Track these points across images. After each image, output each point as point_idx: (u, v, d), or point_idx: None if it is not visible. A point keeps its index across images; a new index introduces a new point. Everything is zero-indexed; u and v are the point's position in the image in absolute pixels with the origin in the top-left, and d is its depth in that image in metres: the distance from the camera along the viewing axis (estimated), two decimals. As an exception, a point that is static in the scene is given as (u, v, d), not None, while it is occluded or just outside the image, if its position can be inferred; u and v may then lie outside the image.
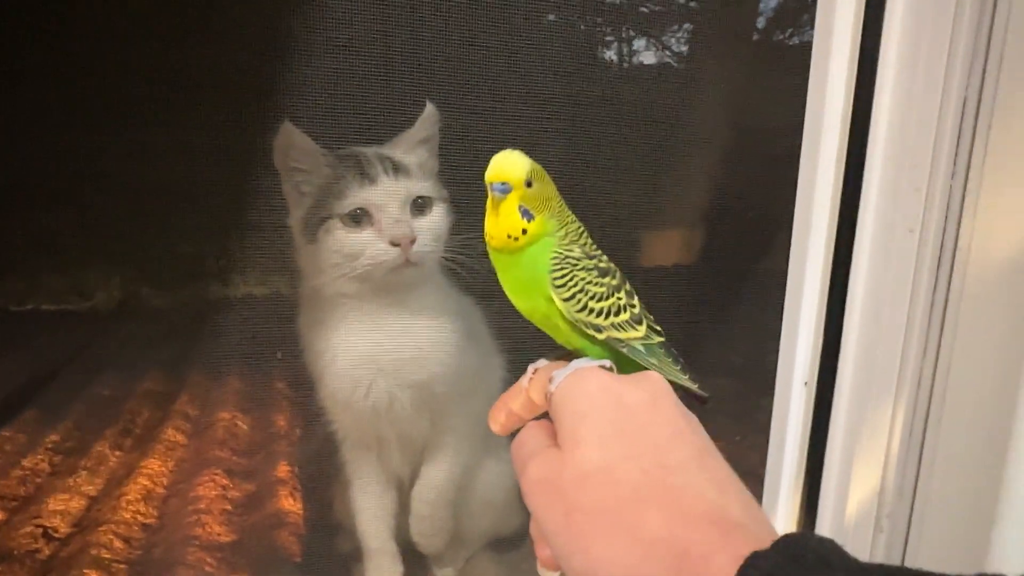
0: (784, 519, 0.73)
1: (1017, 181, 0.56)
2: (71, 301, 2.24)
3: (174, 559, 0.92)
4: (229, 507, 1.09)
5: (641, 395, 0.36)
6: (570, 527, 0.32)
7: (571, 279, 0.42)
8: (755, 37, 1.32)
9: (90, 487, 1.16)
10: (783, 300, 0.71)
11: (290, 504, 1.07)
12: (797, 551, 0.27)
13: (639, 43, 1.57)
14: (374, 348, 0.75)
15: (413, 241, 0.70)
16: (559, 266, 0.42)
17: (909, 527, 0.66)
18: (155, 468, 1.21)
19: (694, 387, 0.46)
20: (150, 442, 1.30)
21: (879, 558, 0.67)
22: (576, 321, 0.42)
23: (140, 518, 1.06)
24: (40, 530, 1.01)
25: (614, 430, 0.34)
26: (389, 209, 0.70)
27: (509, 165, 0.42)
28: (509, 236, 0.42)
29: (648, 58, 1.46)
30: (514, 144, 0.44)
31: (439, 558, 0.92)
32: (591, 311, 0.42)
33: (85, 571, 0.88)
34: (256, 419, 1.42)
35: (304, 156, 0.71)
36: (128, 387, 1.59)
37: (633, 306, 0.45)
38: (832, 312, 0.68)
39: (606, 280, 0.43)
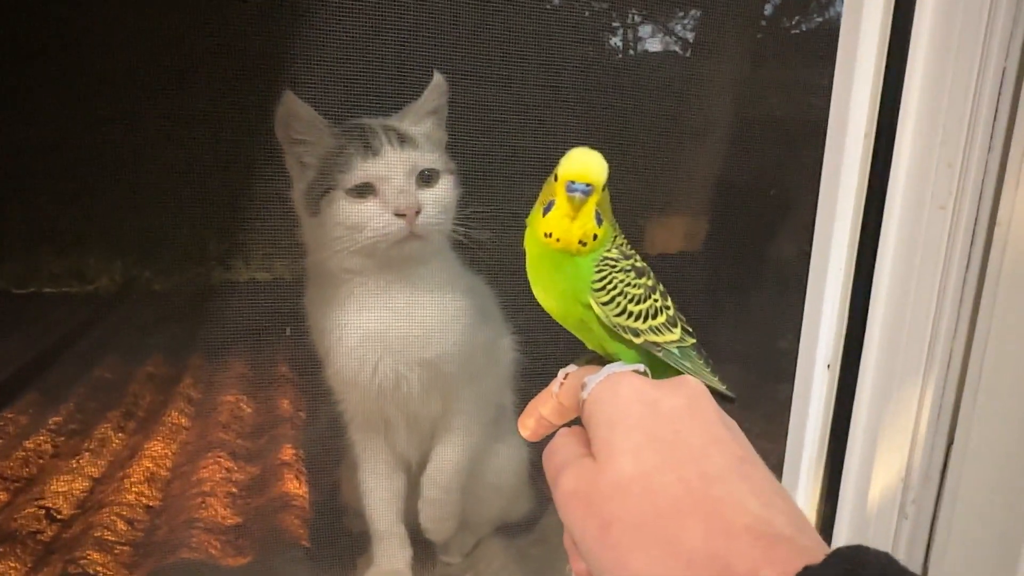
0: (803, 506, 0.72)
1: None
2: (72, 284, 2.23)
3: (178, 541, 0.91)
4: (233, 489, 1.08)
5: (678, 401, 0.34)
6: (606, 540, 0.31)
7: (610, 282, 0.40)
8: (781, 15, 1.30)
9: (93, 469, 1.15)
10: (804, 281, 0.70)
11: (295, 487, 1.06)
12: (852, 567, 0.25)
13: (659, 25, 1.54)
14: (381, 325, 0.73)
15: (418, 212, 0.68)
16: (599, 269, 0.40)
17: (936, 515, 0.64)
18: (158, 450, 1.19)
19: (722, 388, 0.44)
20: (153, 424, 1.29)
21: (903, 546, 0.65)
22: (614, 326, 0.41)
23: (143, 500, 1.05)
24: (43, 511, 1.00)
25: (650, 438, 0.33)
26: (393, 180, 0.68)
27: (595, 165, 0.39)
28: (581, 241, 0.39)
29: (669, 38, 1.43)
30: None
31: (446, 544, 0.91)
32: (629, 315, 0.41)
33: (88, 552, 0.87)
34: (260, 402, 1.41)
35: (306, 126, 0.70)
36: (131, 370, 1.57)
37: (668, 308, 0.43)
38: (857, 292, 0.66)
39: (643, 281, 0.41)
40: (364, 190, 0.68)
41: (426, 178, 0.71)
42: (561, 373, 0.42)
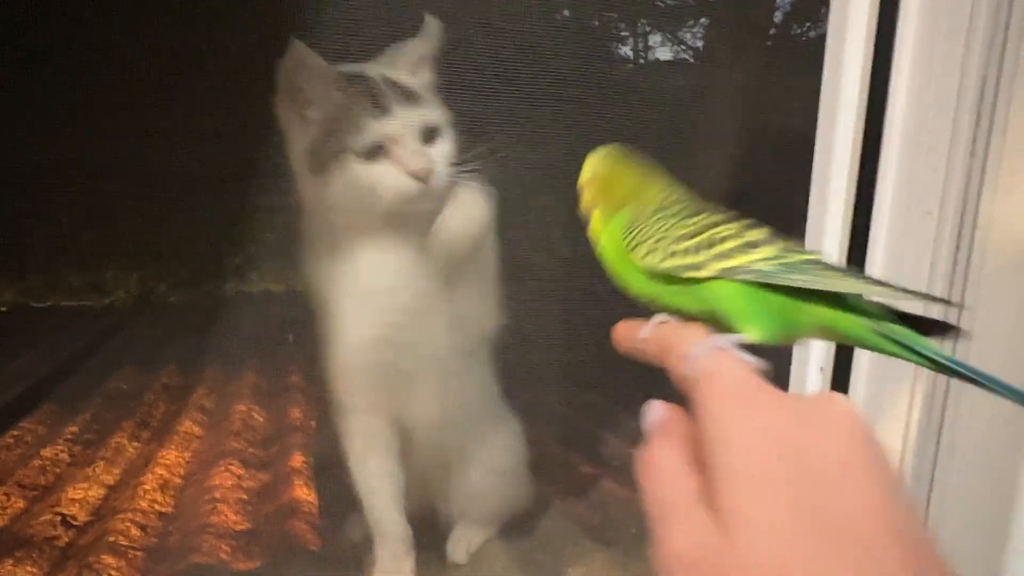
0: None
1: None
2: (90, 298, 2.28)
3: (189, 546, 0.93)
4: (244, 496, 1.10)
5: (830, 447, 0.27)
6: None
7: (641, 234, 0.38)
8: (771, 28, 1.31)
9: (108, 477, 1.17)
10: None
11: (305, 493, 1.08)
12: None
13: (655, 37, 1.56)
14: (384, 279, 0.72)
15: (432, 172, 0.67)
16: (628, 230, 0.39)
17: (926, 518, 0.65)
18: (172, 459, 1.22)
19: (873, 289, 0.35)
20: (167, 433, 1.32)
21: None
22: (671, 271, 0.36)
23: (157, 507, 1.07)
24: (59, 518, 1.02)
25: (795, 513, 0.25)
26: (407, 141, 0.67)
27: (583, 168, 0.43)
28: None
29: (663, 51, 1.45)
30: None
31: (454, 544, 0.92)
32: (675, 252, 0.36)
33: (102, 557, 0.89)
34: (272, 411, 1.43)
35: (315, 79, 0.67)
36: (145, 381, 1.61)
37: (747, 236, 0.36)
38: (848, 297, 0.67)
39: (694, 219, 0.37)
40: (375, 151, 0.67)
41: (430, 134, 0.70)
42: (657, 318, 0.37)
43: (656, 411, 0.32)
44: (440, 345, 0.78)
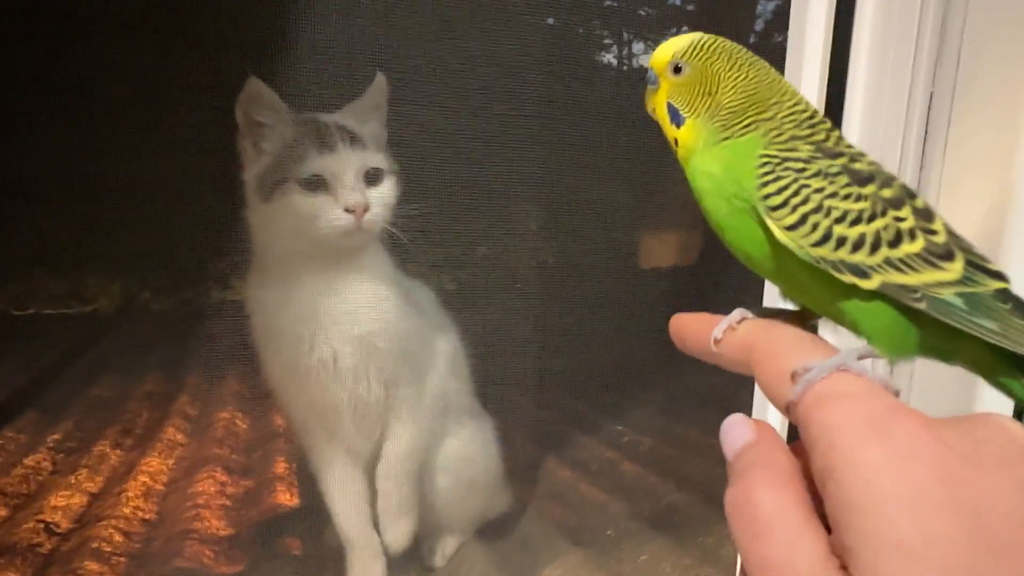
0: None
1: (973, 172, 0.58)
2: (72, 305, 2.27)
3: (172, 551, 0.94)
4: (227, 502, 1.11)
5: (1008, 495, 0.20)
6: None
7: (795, 193, 0.26)
8: (746, 41, 1.35)
9: (91, 484, 1.18)
10: (761, 294, 0.74)
11: (287, 499, 1.09)
12: None
13: (638, 46, 1.59)
14: (317, 304, 0.77)
15: (367, 209, 0.73)
16: (771, 175, 0.27)
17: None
18: (155, 466, 1.23)
19: None
20: (150, 441, 1.33)
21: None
22: (819, 261, 0.26)
23: (140, 513, 1.08)
24: (42, 525, 1.03)
25: None
26: (345, 178, 0.73)
27: (662, 47, 0.30)
28: (671, 143, 0.30)
29: (637, 60, 1.48)
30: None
31: (430, 548, 0.94)
32: (842, 241, 0.26)
33: (86, 563, 0.90)
34: (255, 418, 1.44)
35: (269, 112, 0.74)
36: (128, 388, 1.61)
37: (933, 232, 0.27)
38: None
39: (868, 190, 0.27)
40: (316, 183, 0.72)
41: (372, 177, 0.75)
42: (737, 314, 0.28)
43: (744, 431, 0.25)
44: (378, 353, 0.81)
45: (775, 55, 0.72)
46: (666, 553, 0.93)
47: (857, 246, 0.26)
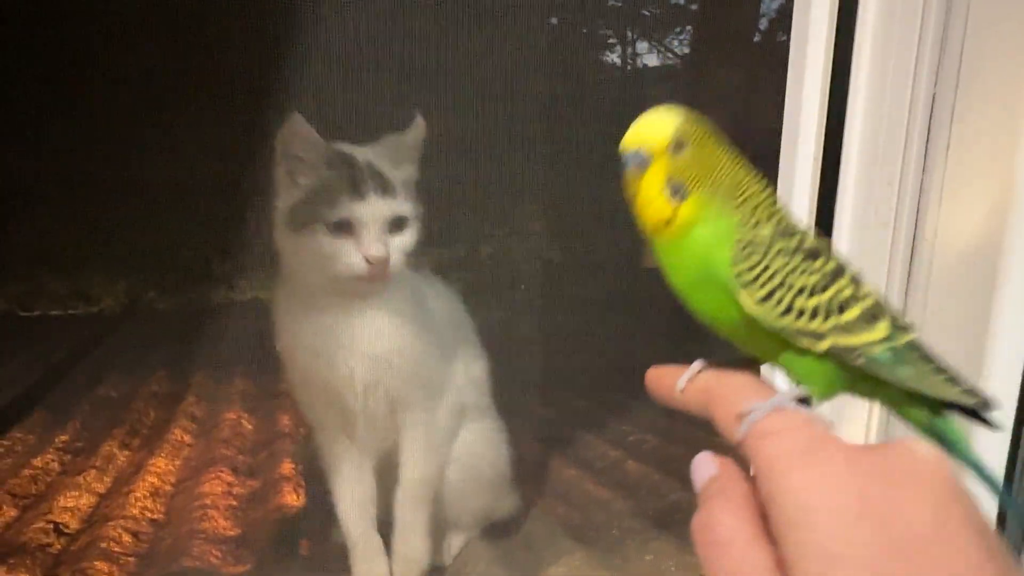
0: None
1: (976, 172, 0.59)
2: (77, 306, 2.28)
3: (180, 551, 0.95)
4: (234, 502, 1.12)
5: (920, 512, 0.23)
6: None
7: (764, 270, 0.30)
8: (739, 44, 1.35)
9: (99, 485, 1.19)
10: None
11: (293, 499, 1.10)
12: None
13: (641, 46, 1.60)
14: (336, 326, 0.79)
15: (386, 260, 0.74)
16: (746, 252, 0.30)
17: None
18: (162, 466, 1.24)
19: (971, 402, 0.31)
20: (157, 441, 1.34)
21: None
22: (782, 330, 0.30)
23: (148, 514, 1.09)
24: (51, 526, 1.04)
25: None
26: (371, 227, 0.74)
27: (649, 126, 0.31)
28: (656, 222, 0.32)
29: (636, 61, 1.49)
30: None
31: (434, 548, 0.94)
32: (801, 313, 0.30)
33: (94, 563, 0.91)
34: (261, 418, 1.45)
35: (307, 148, 0.75)
36: (135, 389, 1.62)
37: (864, 296, 0.31)
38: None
39: (818, 265, 0.31)
40: (343, 226, 0.74)
41: (397, 224, 0.77)
42: (697, 364, 0.32)
43: (708, 467, 0.29)
44: (392, 371, 0.83)
45: (777, 55, 0.72)
46: (671, 552, 0.93)
47: (812, 316, 0.30)
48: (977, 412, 0.32)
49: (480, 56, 0.93)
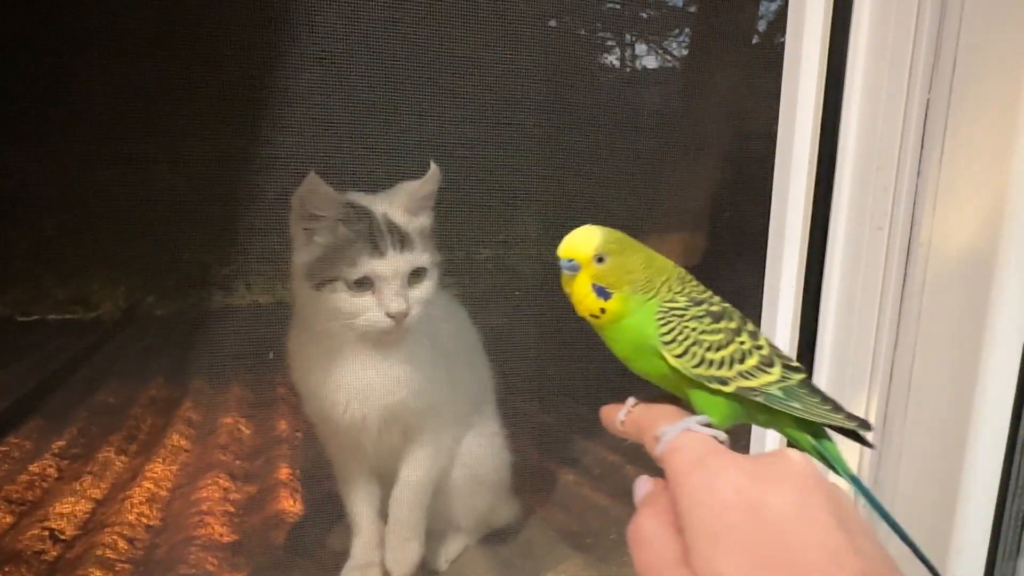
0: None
1: (970, 177, 0.59)
2: (76, 311, 2.28)
3: (177, 558, 0.95)
4: (231, 508, 1.12)
5: (784, 500, 0.30)
6: None
7: (679, 333, 0.39)
8: (733, 48, 1.35)
9: (95, 491, 1.19)
10: (760, 298, 0.74)
11: (290, 505, 1.10)
12: None
13: (640, 48, 1.60)
14: (350, 376, 0.80)
15: (407, 314, 0.75)
16: (664, 320, 0.39)
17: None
18: (159, 472, 1.23)
19: (851, 425, 0.40)
20: (154, 447, 1.33)
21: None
22: (697, 377, 0.39)
23: (144, 520, 1.09)
24: (47, 532, 1.04)
25: (757, 559, 0.28)
26: (392, 283, 0.75)
27: (578, 240, 0.40)
28: (591, 315, 0.40)
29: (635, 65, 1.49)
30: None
31: (434, 551, 0.94)
32: (710, 363, 0.39)
33: (90, 570, 0.91)
34: (258, 423, 1.45)
35: (325, 207, 0.75)
36: (133, 394, 1.62)
37: (760, 347, 0.40)
38: (807, 308, 0.70)
39: (722, 325, 0.40)
40: (363, 283, 0.75)
41: (416, 275, 0.77)
42: (630, 402, 0.41)
43: (643, 486, 0.36)
44: (405, 414, 0.85)
45: (773, 58, 0.72)
46: (668, 557, 0.93)
47: (720, 365, 0.39)
48: (857, 434, 0.41)
49: (477, 60, 0.93)
